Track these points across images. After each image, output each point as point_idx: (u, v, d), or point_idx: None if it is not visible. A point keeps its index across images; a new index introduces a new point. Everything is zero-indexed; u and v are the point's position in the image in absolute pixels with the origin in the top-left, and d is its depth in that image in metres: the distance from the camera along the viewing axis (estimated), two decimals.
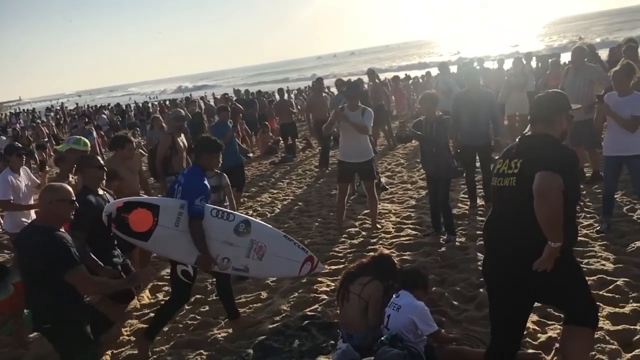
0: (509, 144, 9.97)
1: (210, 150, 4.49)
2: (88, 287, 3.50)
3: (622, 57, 10.57)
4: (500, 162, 3.14)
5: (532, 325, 4.06)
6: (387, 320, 3.80)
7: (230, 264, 4.50)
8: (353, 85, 7.42)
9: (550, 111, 3.07)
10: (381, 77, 19.69)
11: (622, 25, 77.51)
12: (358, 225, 7.18)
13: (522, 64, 11.44)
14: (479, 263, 5.43)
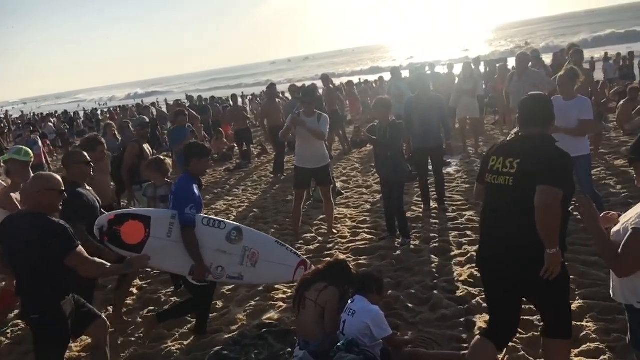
0: (460, 147, 10.26)
1: (199, 155, 4.50)
2: (89, 268, 3.45)
3: (565, 61, 11.03)
4: (493, 160, 3.16)
5: (484, 325, 4.11)
6: (343, 325, 3.80)
7: (225, 273, 4.50)
8: (308, 91, 7.43)
9: (547, 112, 3.16)
10: (335, 82, 19.89)
11: (566, 30, 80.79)
12: (314, 230, 7.19)
13: (471, 69, 11.75)
14: (433, 265, 5.54)
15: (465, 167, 9.85)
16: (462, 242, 6.05)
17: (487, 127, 13.75)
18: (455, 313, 4.43)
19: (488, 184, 3.18)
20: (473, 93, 10.85)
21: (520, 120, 3.19)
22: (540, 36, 77.93)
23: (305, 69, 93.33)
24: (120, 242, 4.21)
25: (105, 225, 4.20)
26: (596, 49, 34.92)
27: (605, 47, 33.78)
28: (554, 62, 12.71)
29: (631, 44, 40.36)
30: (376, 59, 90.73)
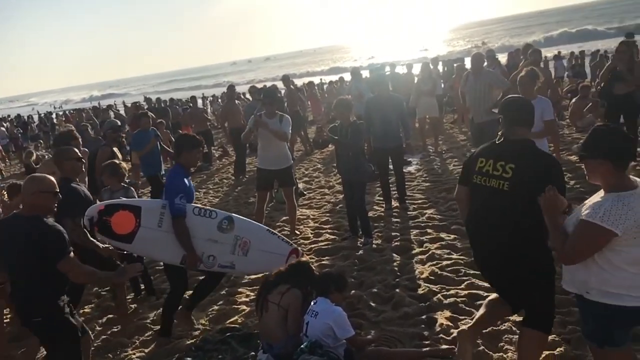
0: (419, 146, 10.37)
1: (189, 147, 4.50)
2: (79, 275, 3.43)
3: (520, 60, 11.33)
4: (482, 162, 3.24)
5: (445, 321, 4.21)
6: (306, 327, 3.80)
7: (216, 262, 4.52)
8: (269, 92, 7.40)
9: (532, 115, 3.29)
10: (297, 82, 19.87)
11: (520, 30, 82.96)
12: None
13: (430, 69, 11.94)
14: (395, 264, 5.59)
15: (426, 166, 9.99)
16: (423, 240, 6.13)
17: (446, 126, 13.99)
18: (417, 311, 4.49)
19: (477, 185, 3.27)
20: (432, 93, 11.03)
21: (506, 121, 3.26)
22: (496, 36, 79.82)
23: (266, 70, 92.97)
24: (110, 232, 4.24)
25: (96, 216, 4.22)
26: (550, 48, 36.00)
27: (558, 47, 34.89)
28: (509, 62, 13.04)
29: (582, 42, 41.81)
30: (337, 59, 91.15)
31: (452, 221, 6.60)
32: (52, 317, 3.40)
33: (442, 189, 8.21)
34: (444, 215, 6.90)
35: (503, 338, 3.91)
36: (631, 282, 2.54)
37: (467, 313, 4.34)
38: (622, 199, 2.47)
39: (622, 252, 2.50)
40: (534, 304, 3.24)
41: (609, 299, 2.57)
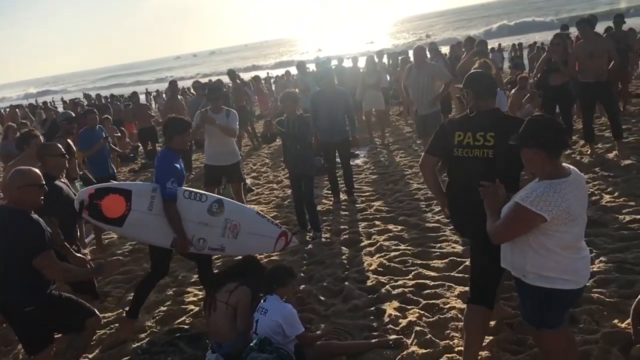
0: (366, 139, 10.44)
1: (180, 130, 4.50)
2: (54, 272, 3.45)
3: (462, 53, 11.59)
4: (459, 135, 3.35)
5: (394, 312, 4.27)
6: (256, 325, 3.77)
7: (207, 244, 4.55)
8: (214, 87, 7.28)
9: (495, 85, 3.52)
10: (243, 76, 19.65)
11: (463, 23, 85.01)
12: None
13: (374, 62, 12.02)
14: (344, 257, 5.63)
15: (373, 158, 10.09)
16: (371, 232, 6.20)
17: (392, 118, 14.17)
18: (366, 303, 4.53)
19: (459, 157, 3.37)
20: (377, 86, 11.12)
21: (473, 95, 3.40)
22: (439, 29, 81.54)
23: (211, 64, 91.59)
24: (101, 215, 4.27)
25: (86, 199, 4.24)
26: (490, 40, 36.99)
27: (498, 39, 35.92)
28: (451, 54, 13.30)
29: (520, 35, 43.23)
30: (284, 53, 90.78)
31: (400, 212, 6.70)
32: (43, 303, 3.46)
33: (390, 180, 8.32)
34: (392, 207, 6.99)
35: (449, 326, 3.99)
36: (564, 265, 2.65)
37: (415, 303, 4.42)
38: (554, 186, 2.57)
39: (554, 237, 2.61)
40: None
41: (544, 282, 2.68)
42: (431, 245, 5.55)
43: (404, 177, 8.40)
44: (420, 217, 6.46)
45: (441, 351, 3.65)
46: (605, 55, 7.54)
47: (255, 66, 63.69)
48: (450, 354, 3.59)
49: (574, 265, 2.68)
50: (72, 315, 3.68)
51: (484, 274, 3.34)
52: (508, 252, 2.87)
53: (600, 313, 3.84)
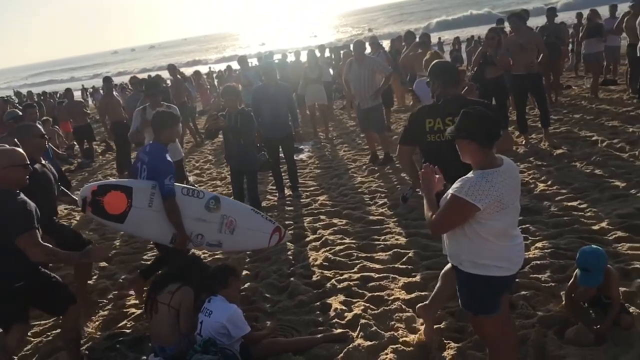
0: (310, 133, 10.41)
1: (170, 123, 4.57)
2: (37, 253, 3.42)
3: (402, 47, 11.75)
4: (430, 122, 3.71)
5: (339, 306, 4.29)
6: (200, 326, 3.70)
7: (204, 240, 4.61)
8: (152, 83, 7.08)
9: (457, 74, 3.87)
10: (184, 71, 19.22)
11: (404, 17, 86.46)
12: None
13: (316, 57, 12.04)
14: (290, 253, 5.61)
15: (317, 153, 10.11)
16: (316, 227, 6.20)
17: (336, 113, 14.25)
18: (312, 298, 4.53)
19: (432, 142, 3.72)
20: (319, 80, 11.13)
21: (439, 84, 3.75)
22: (381, 22, 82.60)
23: (150, 59, 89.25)
24: (103, 212, 4.30)
25: (89, 196, 4.28)
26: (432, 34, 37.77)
27: (439, 33, 36.72)
28: (392, 48, 13.47)
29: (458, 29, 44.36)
30: (226, 47, 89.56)
31: (344, 206, 6.74)
32: (34, 277, 3.52)
33: (334, 174, 8.36)
34: (336, 201, 7.02)
35: (394, 317, 4.04)
36: (498, 253, 2.73)
37: (360, 295, 4.45)
38: (487, 175, 2.64)
39: (487, 225, 2.68)
40: None
41: (479, 270, 2.75)
42: (375, 238, 5.61)
43: (347, 171, 8.46)
44: (364, 210, 6.52)
45: (386, 342, 3.69)
46: (534, 48, 7.85)
47: (196, 61, 62.58)
48: (395, 345, 3.63)
49: (507, 252, 2.76)
50: (58, 297, 3.71)
51: None
52: (445, 240, 2.94)
53: (536, 298, 3.98)
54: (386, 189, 7.18)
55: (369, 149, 8.86)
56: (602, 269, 3.49)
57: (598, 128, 8.49)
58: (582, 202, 5.67)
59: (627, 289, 3.83)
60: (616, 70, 12.57)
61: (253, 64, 15.55)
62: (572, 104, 10.69)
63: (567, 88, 12.37)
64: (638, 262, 4.22)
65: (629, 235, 4.72)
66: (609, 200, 5.62)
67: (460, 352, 3.47)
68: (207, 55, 72.91)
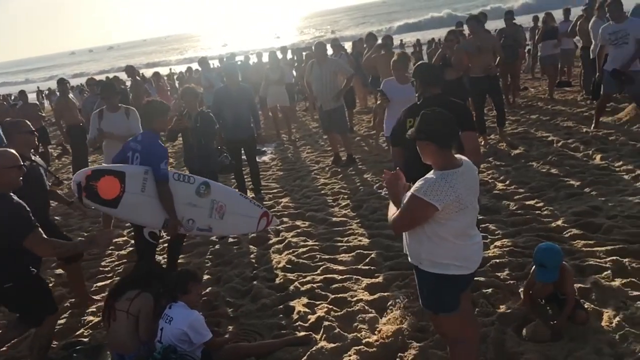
0: (273, 135, 10.37)
1: (160, 112, 4.60)
2: (45, 249, 3.48)
3: (363, 49, 11.81)
4: (410, 121, 3.79)
5: (303, 308, 4.27)
6: (161, 333, 3.62)
7: (195, 225, 4.68)
8: (107, 85, 6.89)
9: (440, 75, 4.10)
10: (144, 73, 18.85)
11: (367, 19, 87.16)
12: (126, 234, 6.74)
13: (277, 58, 11.98)
14: (252, 256, 5.57)
15: (280, 155, 10.07)
16: (279, 229, 6.16)
17: (299, 114, 14.23)
18: (275, 301, 4.49)
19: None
20: (281, 81, 11.08)
21: (421, 84, 3.93)
22: (343, 25, 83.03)
23: (109, 60, 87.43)
24: (97, 197, 4.33)
25: (83, 181, 4.31)
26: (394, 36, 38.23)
27: (401, 35, 37.19)
28: (353, 50, 13.54)
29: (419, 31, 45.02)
30: (187, 48, 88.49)
31: (307, 208, 6.73)
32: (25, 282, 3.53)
33: (297, 176, 8.34)
34: (299, 203, 7.00)
35: (357, 318, 4.05)
36: (456, 252, 2.77)
37: (323, 298, 4.44)
38: (446, 176, 2.68)
39: (446, 225, 2.71)
40: None
41: (438, 269, 2.79)
42: (338, 240, 5.61)
43: (310, 172, 8.45)
44: (327, 212, 6.52)
45: (349, 344, 3.69)
46: (491, 50, 8.02)
47: (156, 62, 61.62)
48: (358, 346, 3.63)
49: (466, 251, 2.80)
50: (36, 308, 3.72)
51: None
52: (405, 240, 2.96)
53: (495, 296, 4.05)
54: (349, 190, 7.20)
55: (332, 151, 8.87)
56: (558, 265, 3.59)
57: (554, 128, 8.73)
58: (539, 201, 5.81)
59: (581, 285, 3.94)
60: (570, 72, 12.95)
61: (215, 65, 15.40)
62: (529, 105, 10.96)
63: (524, 90, 12.68)
64: (592, 259, 4.35)
65: (584, 232, 4.86)
66: (565, 198, 5.78)
67: (422, 352, 3.49)
68: (168, 57, 71.94)
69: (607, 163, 6.64)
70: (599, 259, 4.34)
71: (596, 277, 4.04)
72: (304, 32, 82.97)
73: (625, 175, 6.17)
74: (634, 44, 7.34)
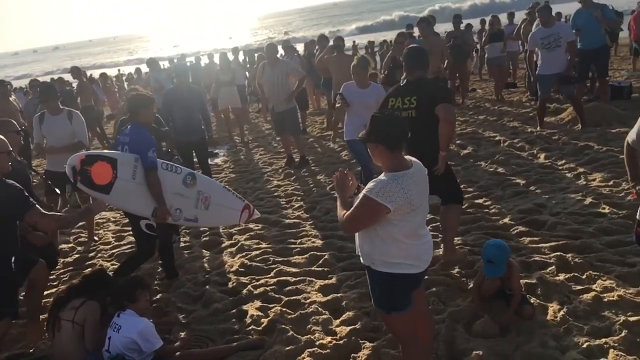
0: (226, 137, 10.25)
1: (145, 104, 4.66)
2: (49, 223, 3.59)
3: (315, 50, 11.84)
4: (392, 101, 4.30)
5: (256, 312, 4.22)
6: (109, 342, 3.51)
7: (182, 215, 4.70)
8: (45, 87, 6.61)
9: (426, 59, 4.41)
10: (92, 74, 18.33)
11: (319, 20, 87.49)
12: (72, 240, 6.52)
13: (228, 59, 11.86)
14: (205, 260, 5.48)
15: (232, 157, 9.97)
16: (232, 232, 6.09)
17: (251, 116, 14.13)
18: (227, 305, 4.43)
19: None
20: (232, 83, 10.96)
21: (407, 67, 4.38)
22: (297, 26, 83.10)
23: (54, 61, 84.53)
24: (91, 182, 4.34)
25: (78, 165, 4.30)
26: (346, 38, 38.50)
27: (353, 37, 37.48)
28: (305, 51, 13.55)
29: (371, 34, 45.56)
30: (137, 49, 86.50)
31: (260, 210, 6.61)
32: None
33: (250, 179, 8.27)
34: (252, 205, 6.92)
35: (311, 320, 4.04)
36: (407, 252, 2.80)
37: (277, 300, 4.41)
38: (397, 178, 2.71)
39: (398, 225, 2.74)
40: (451, 185, 4.49)
41: (390, 268, 2.81)
42: (292, 242, 5.59)
43: (264, 174, 8.40)
44: (280, 214, 6.49)
45: (303, 347, 3.67)
46: (440, 52, 8.19)
47: (104, 63, 60.03)
48: (311, 349, 3.62)
49: (416, 250, 2.84)
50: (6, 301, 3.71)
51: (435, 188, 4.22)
52: (358, 241, 2.97)
53: (446, 293, 4.13)
54: (302, 192, 7.19)
55: (285, 152, 8.85)
56: (505, 261, 3.69)
57: (500, 128, 8.99)
58: (487, 199, 5.96)
59: (528, 280, 4.06)
60: (515, 74, 13.37)
61: (165, 66, 15.10)
62: (476, 105, 11.25)
63: (473, 91, 13.01)
64: (537, 255, 4.49)
65: (529, 229, 5.02)
66: (511, 197, 5.95)
67: (375, 352, 3.51)
68: (116, 57, 70.13)
69: (550, 162, 6.88)
70: (543, 254, 4.49)
71: (541, 273, 4.17)
72: (257, 33, 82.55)
73: (568, 173, 6.42)
74: (565, 47, 7.71)
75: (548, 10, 8.09)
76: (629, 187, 3.77)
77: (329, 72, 9.52)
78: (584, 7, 8.47)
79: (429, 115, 4.08)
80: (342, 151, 9.04)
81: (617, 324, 3.41)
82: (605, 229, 4.80)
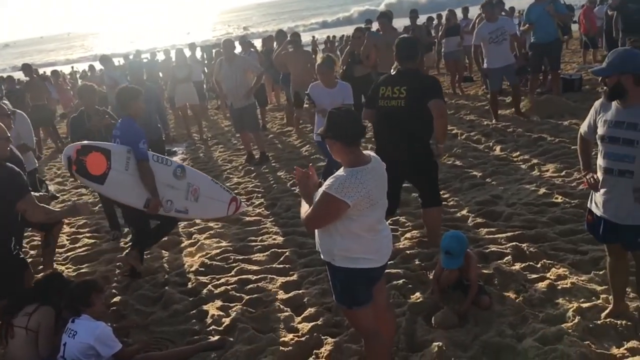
0: (184, 135, 10.08)
1: (133, 97, 4.72)
2: (37, 213, 3.63)
3: (273, 45, 11.77)
4: (382, 89, 4.42)
5: (216, 312, 4.17)
6: (64, 348, 3.40)
7: (173, 206, 4.80)
8: None
9: (417, 51, 4.58)
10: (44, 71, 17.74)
11: (279, 15, 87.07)
12: (25, 244, 6.28)
13: (185, 56, 11.65)
14: (164, 260, 5.38)
15: (191, 155, 9.82)
16: (192, 231, 6.00)
17: (210, 113, 13.94)
18: (187, 306, 4.35)
19: (382, 107, 4.42)
20: (188, 79, 10.77)
21: (398, 57, 4.52)
22: (256, 21, 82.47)
23: (5, 58, 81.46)
24: (86, 172, 4.43)
25: (73, 155, 4.38)
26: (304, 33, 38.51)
27: (313, 32, 37.53)
28: (264, 47, 13.44)
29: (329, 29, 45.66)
30: (93, 46, 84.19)
31: None
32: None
33: (210, 176, 8.14)
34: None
35: (272, 318, 4.02)
36: (366, 246, 2.82)
37: (238, 299, 4.37)
38: (355, 173, 2.71)
39: (358, 220, 2.75)
40: (432, 186, 4.64)
41: (350, 263, 2.82)
42: (252, 239, 5.55)
43: (223, 172, 8.30)
44: (241, 211, 6.41)
45: (264, 345, 3.64)
46: None
47: (57, 61, 58.27)
48: (273, 346, 3.60)
49: (376, 245, 2.85)
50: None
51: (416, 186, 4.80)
52: (318, 237, 2.96)
53: (406, 286, 4.16)
54: (263, 189, 7.14)
55: (245, 149, 8.76)
56: (463, 252, 3.75)
57: (458, 122, 9.13)
58: (446, 192, 6.04)
59: (485, 271, 4.14)
60: (471, 68, 13.60)
61: (120, 63, 14.75)
62: None
63: None
64: (494, 246, 4.58)
65: (486, 221, 5.12)
66: (468, 189, 6.06)
67: (338, 347, 3.52)
68: (70, 54, 68.14)
69: (505, 154, 7.04)
70: (500, 245, 4.59)
71: (498, 263, 4.26)
72: (215, 29, 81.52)
73: (523, 164, 6.57)
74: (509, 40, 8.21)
75: (491, 5, 8.46)
76: (580, 176, 3.87)
77: (287, 67, 9.47)
78: (537, 2, 8.68)
79: (417, 105, 4.25)
80: (302, 147, 9.03)
81: (571, 311, 3.52)
82: (559, 218, 4.95)
